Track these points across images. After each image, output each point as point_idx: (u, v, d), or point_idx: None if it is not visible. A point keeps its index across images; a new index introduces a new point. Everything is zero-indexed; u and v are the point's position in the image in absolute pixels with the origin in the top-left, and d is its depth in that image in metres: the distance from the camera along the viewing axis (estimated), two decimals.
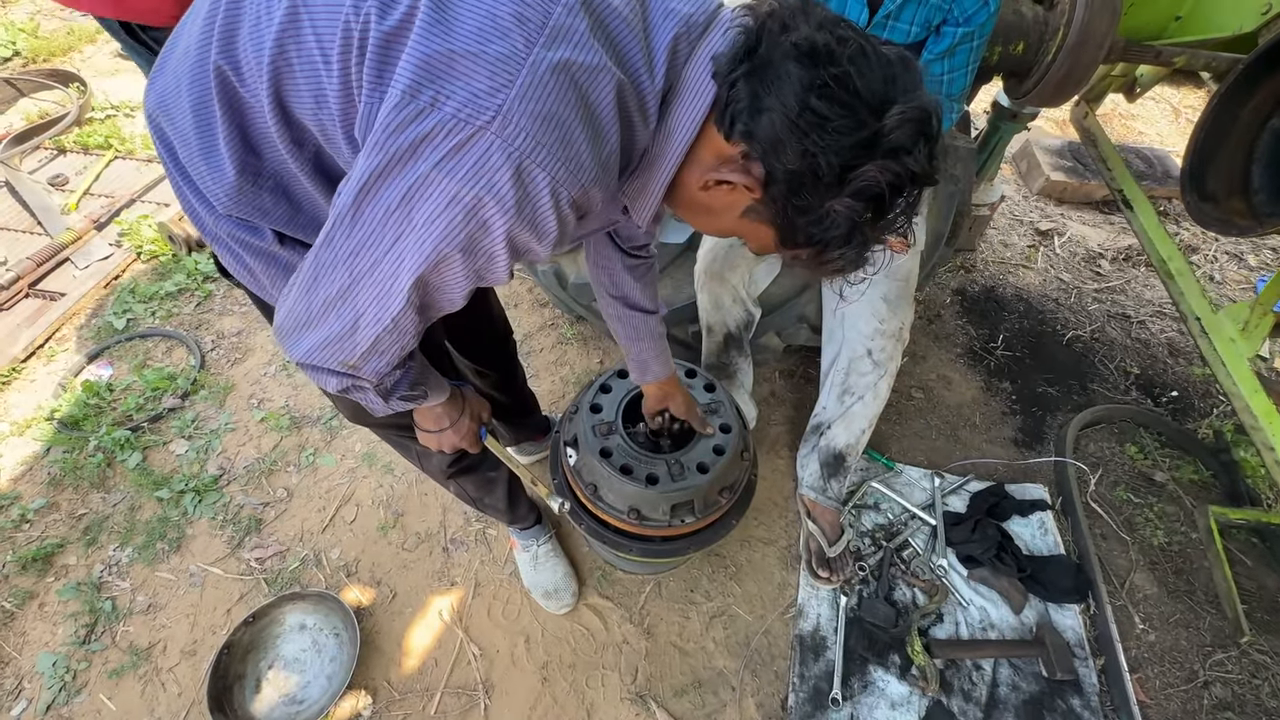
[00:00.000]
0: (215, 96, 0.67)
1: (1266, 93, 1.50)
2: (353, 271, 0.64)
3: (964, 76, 1.37)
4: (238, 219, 0.75)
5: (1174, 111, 3.95)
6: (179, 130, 0.72)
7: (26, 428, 1.90)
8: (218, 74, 0.66)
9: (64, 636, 1.51)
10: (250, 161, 0.70)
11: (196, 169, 0.72)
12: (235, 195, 0.71)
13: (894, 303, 1.53)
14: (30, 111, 3.07)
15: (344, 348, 0.70)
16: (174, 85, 0.71)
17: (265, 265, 0.78)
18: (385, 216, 0.60)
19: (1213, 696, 1.53)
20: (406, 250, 0.61)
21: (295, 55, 0.61)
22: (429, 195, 0.58)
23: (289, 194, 0.74)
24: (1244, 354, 1.57)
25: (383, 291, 0.65)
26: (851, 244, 0.64)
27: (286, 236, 0.77)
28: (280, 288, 0.79)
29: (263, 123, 0.67)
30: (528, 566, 1.59)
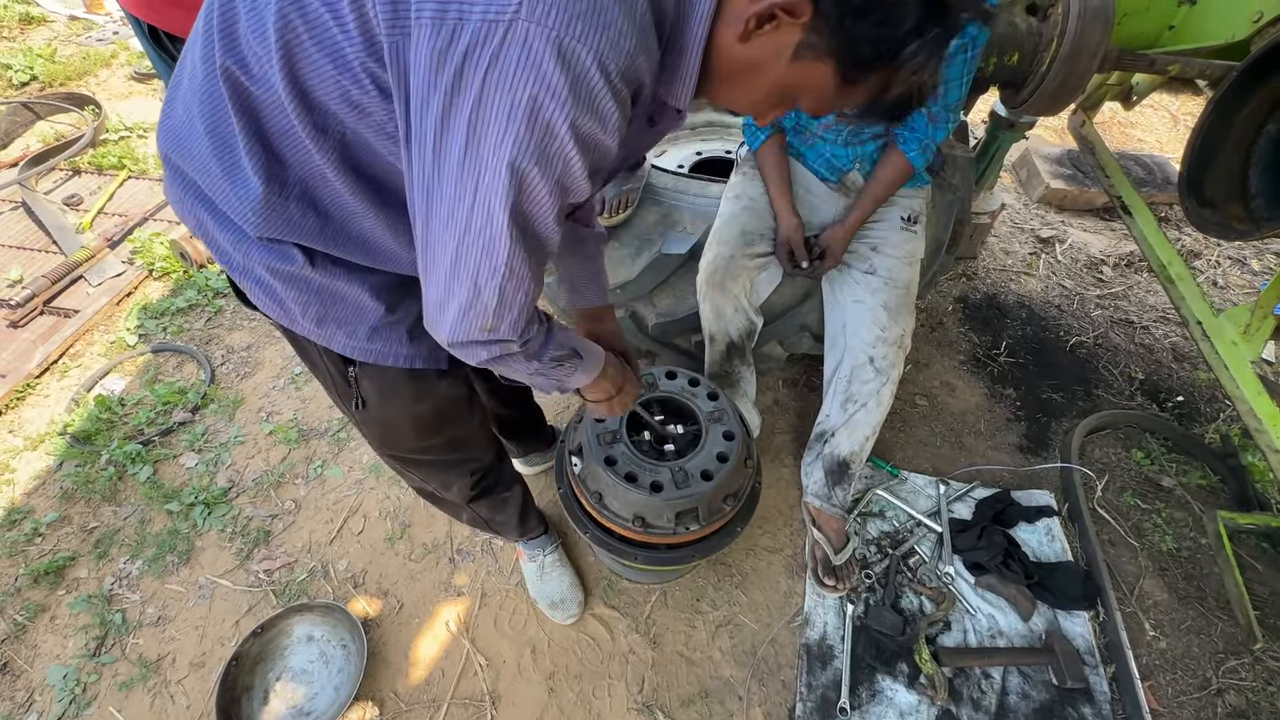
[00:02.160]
0: (230, 106, 0.65)
1: (1261, 98, 1.52)
2: (454, 235, 0.63)
3: (960, 87, 1.39)
4: (268, 242, 0.74)
5: (1172, 118, 3.97)
6: (197, 161, 0.71)
7: (40, 442, 1.93)
8: (227, 77, 0.64)
9: (75, 649, 1.53)
10: (274, 169, 0.68)
11: (221, 194, 0.71)
12: (264, 211, 0.70)
13: (895, 310, 1.54)
14: (47, 134, 3.14)
15: (476, 312, 0.69)
16: (184, 117, 0.70)
17: (296, 292, 0.77)
18: (460, 167, 0.59)
19: (1226, 704, 1.51)
20: (489, 189, 0.60)
21: (301, 23, 0.59)
22: (487, 119, 0.56)
23: (315, 201, 0.72)
24: (1246, 357, 1.57)
25: (486, 241, 0.63)
26: (924, 40, 0.58)
27: (316, 256, 0.76)
28: (312, 314, 0.78)
29: (281, 118, 0.65)
30: (534, 576, 1.59)
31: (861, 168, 1.59)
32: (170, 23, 1.31)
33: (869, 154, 1.56)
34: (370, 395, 0.93)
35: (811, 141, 1.61)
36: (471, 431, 1.15)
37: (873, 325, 1.54)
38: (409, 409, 0.98)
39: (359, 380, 0.90)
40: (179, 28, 1.32)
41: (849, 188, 1.62)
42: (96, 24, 4.10)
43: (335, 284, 0.77)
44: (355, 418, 0.99)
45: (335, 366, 0.89)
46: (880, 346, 1.54)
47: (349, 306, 0.80)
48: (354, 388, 0.91)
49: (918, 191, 1.65)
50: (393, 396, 0.94)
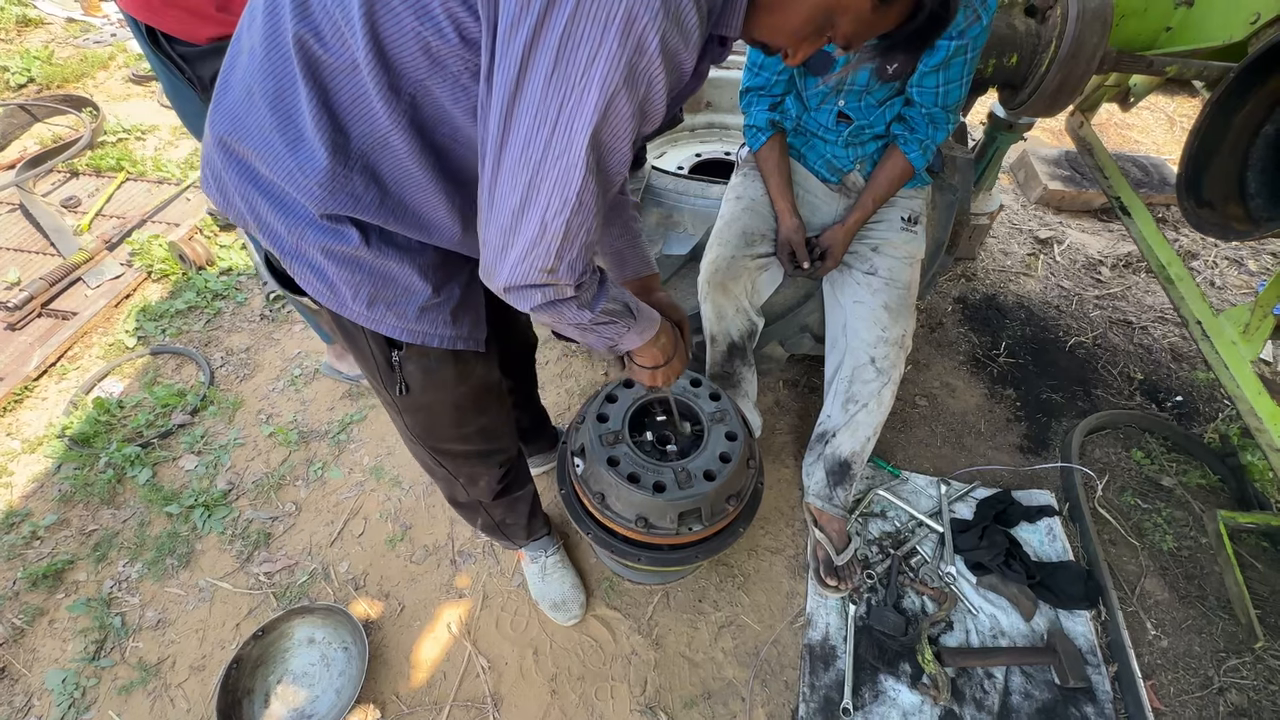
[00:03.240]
0: (299, 74, 0.66)
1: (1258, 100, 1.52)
2: (529, 166, 0.63)
3: (959, 88, 1.40)
4: (326, 220, 0.74)
5: (1169, 120, 3.99)
6: (258, 138, 0.71)
7: (38, 445, 1.92)
8: (299, 46, 0.64)
9: (73, 653, 1.52)
10: (339, 140, 0.69)
11: (283, 169, 0.70)
12: (328, 183, 0.70)
13: (895, 311, 1.54)
14: (44, 136, 3.14)
15: (540, 251, 0.68)
16: (243, 94, 0.71)
17: (349, 273, 0.78)
18: (544, 90, 0.58)
19: (1228, 703, 1.51)
20: (573, 111, 0.59)
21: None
22: (579, 36, 0.55)
23: (377, 172, 0.72)
24: (1246, 356, 1.58)
25: (562, 171, 0.63)
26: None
27: (371, 234, 0.77)
28: (363, 296, 0.79)
29: (353, 83, 0.66)
30: (536, 578, 1.59)
31: (862, 169, 1.59)
32: (168, 24, 1.30)
33: (869, 155, 1.57)
34: (414, 379, 0.94)
35: (812, 142, 1.61)
36: (503, 420, 1.17)
37: (873, 325, 1.54)
38: (450, 393, 1.00)
39: (403, 365, 0.92)
40: (177, 29, 1.32)
41: (849, 188, 1.63)
42: (94, 26, 4.09)
43: (387, 263, 0.78)
44: (398, 404, 1.00)
45: (380, 351, 0.91)
46: (881, 347, 1.54)
47: (399, 287, 0.81)
48: (398, 372, 0.93)
49: (918, 192, 1.66)
50: (435, 379, 0.96)
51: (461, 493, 1.27)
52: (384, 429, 1.98)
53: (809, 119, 1.56)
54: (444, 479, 1.26)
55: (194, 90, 1.39)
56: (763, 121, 1.57)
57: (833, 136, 1.55)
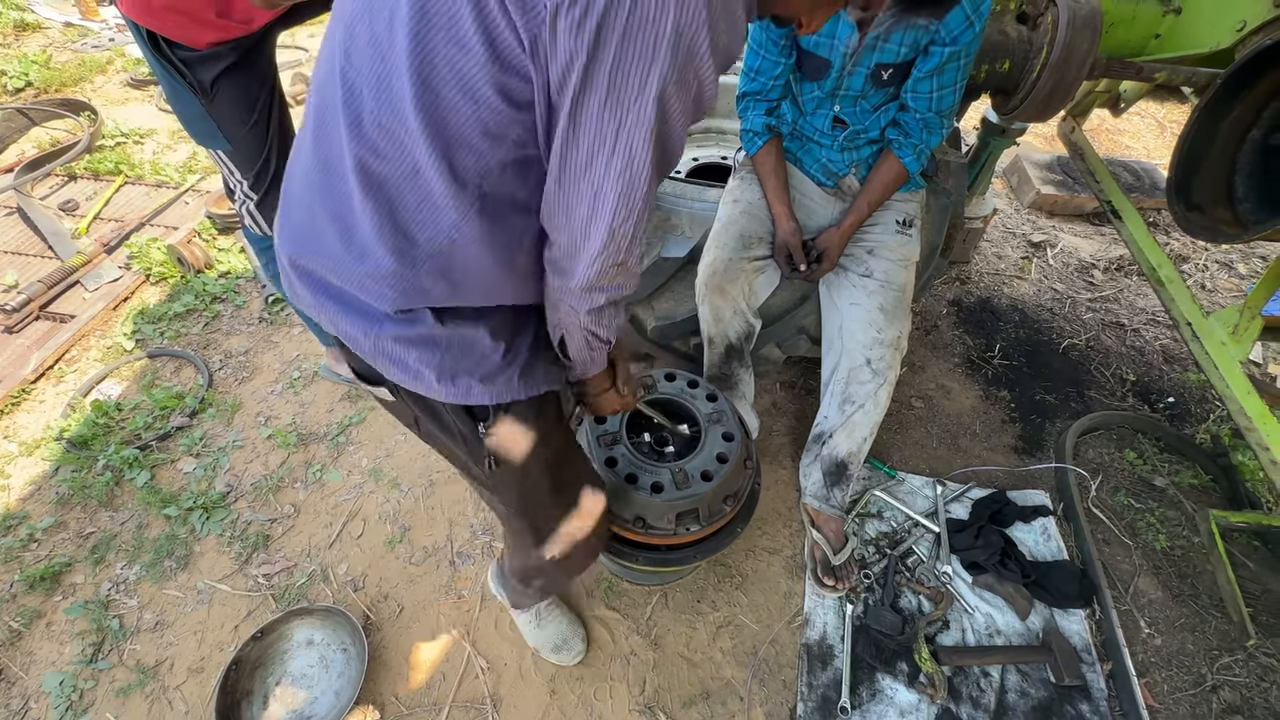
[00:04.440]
0: (358, 192, 0.68)
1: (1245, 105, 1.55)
2: (592, 182, 0.65)
3: (953, 93, 1.42)
4: (398, 315, 0.75)
5: (1159, 125, 4.04)
6: (326, 255, 0.73)
7: (35, 448, 1.92)
8: (359, 166, 0.66)
9: (71, 655, 1.51)
10: (404, 246, 0.70)
11: (354, 280, 0.73)
12: (397, 283, 0.72)
13: (891, 312, 1.56)
14: (42, 140, 3.14)
15: (610, 252, 0.71)
16: (305, 217, 0.74)
17: (428, 354, 0.78)
18: (600, 115, 0.60)
19: (1221, 700, 1.53)
20: (632, 129, 0.61)
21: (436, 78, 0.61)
22: (630, 61, 0.57)
23: (447, 269, 0.73)
24: (1236, 357, 1.60)
25: (626, 183, 0.65)
26: None
27: (444, 312, 0.77)
28: (446, 371, 0.79)
29: (415, 190, 0.67)
30: (530, 625, 1.51)
31: (857, 173, 1.61)
32: (169, 29, 1.32)
33: (865, 159, 1.59)
34: (502, 446, 0.92)
35: (808, 147, 1.63)
36: (586, 466, 1.15)
37: (869, 327, 1.56)
38: (538, 454, 0.98)
39: (490, 437, 0.90)
40: (177, 34, 1.33)
41: (845, 192, 1.65)
42: (92, 30, 4.10)
43: (461, 333, 0.79)
44: (489, 481, 0.98)
45: (465, 425, 0.89)
46: (877, 348, 1.56)
47: (476, 353, 0.81)
48: (484, 446, 0.91)
49: (912, 195, 1.68)
50: (522, 441, 0.94)
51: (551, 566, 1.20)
52: (382, 431, 1.99)
53: (805, 124, 1.58)
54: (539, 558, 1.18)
55: (194, 94, 1.40)
56: (759, 126, 1.59)
57: (828, 141, 1.57)
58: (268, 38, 1.48)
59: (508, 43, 0.59)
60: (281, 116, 1.57)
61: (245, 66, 1.43)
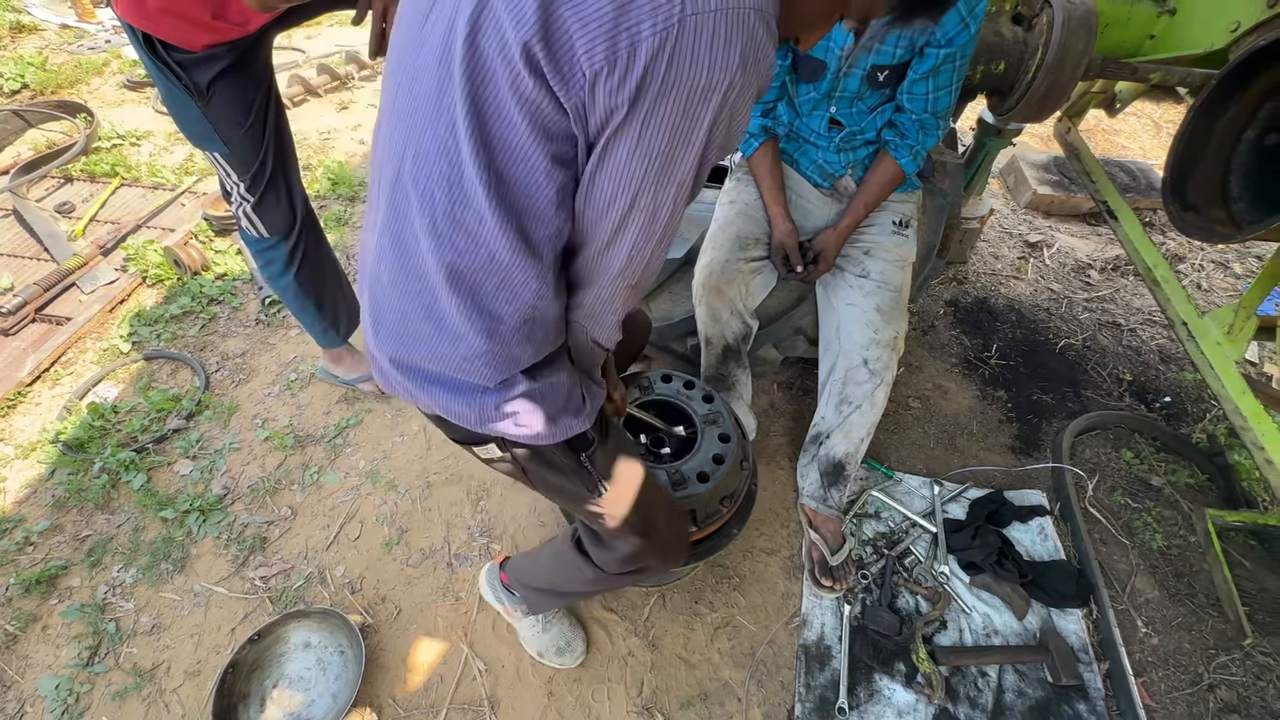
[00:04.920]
0: (448, 292, 0.71)
1: (1240, 105, 1.55)
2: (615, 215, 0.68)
3: (949, 95, 1.42)
4: (497, 387, 0.80)
5: (1155, 125, 4.05)
6: (426, 349, 0.78)
7: (31, 451, 1.92)
8: (449, 271, 0.70)
9: (67, 659, 1.51)
10: (492, 326, 0.74)
11: (452, 363, 0.78)
12: (489, 359, 0.76)
13: (887, 313, 1.56)
14: (38, 142, 3.13)
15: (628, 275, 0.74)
16: (397, 318, 0.78)
17: (529, 408, 0.82)
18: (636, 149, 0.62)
19: (1218, 699, 1.53)
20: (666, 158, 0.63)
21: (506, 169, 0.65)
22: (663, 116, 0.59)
23: (531, 334, 0.77)
24: (1231, 357, 1.60)
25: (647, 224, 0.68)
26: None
27: (533, 369, 0.82)
28: (546, 417, 0.83)
29: (494, 274, 0.71)
30: (534, 630, 1.50)
31: (854, 174, 1.62)
32: (164, 31, 1.31)
33: (861, 160, 1.59)
34: (604, 466, 0.96)
35: (804, 148, 1.63)
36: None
37: (866, 328, 1.56)
38: (631, 461, 1.01)
39: (593, 461, 0.94)
40: (173, 36, 1.32)
41: (841, 193, 1.65)
42: (88, 32, 4.09)
43: (550, 380, 0.84)
44: (604, 509, 1.00)
45: (570, 460, 0.93)
46: (874, 349, 1.56)
47: (563, 393, 0.85)
48: (593, 473, 0.95)
49: (909, 196, 1.68)
50: (616, 454, 0.98)
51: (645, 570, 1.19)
52: (380, 433, 1.98)
53: (801, 125, 1.58)
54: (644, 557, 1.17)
55: (189, 97, 1.40)
56: (755, 127, 1.59)
57: (824, 142, 1.57)
58: (264, 40, 1.47)
59: (551, 115, 0.62)
60: (278, 119, 1.56)
61: (241, 69, 1.43)
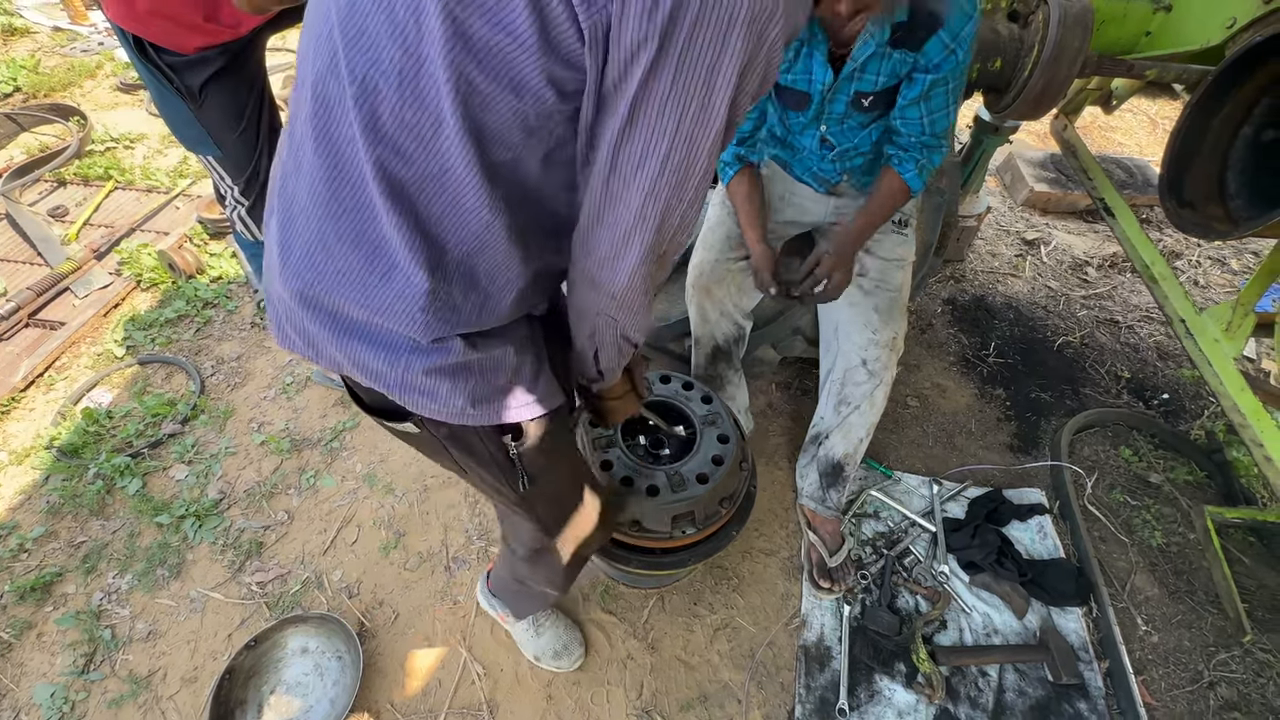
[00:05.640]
0: (380, 202, 0.62)
1: (1236, 102, 1.55)
2: (647, 179, 0.62)
3: (945, 117, 1.37)
4: (430, 345, 0.71)
5: (1151, 122, 4.05)
6: (347, 281, 0.67)
7: (25, 457, 1.90)
8: (381, 172, 0.61)
9: (62, 666, 1.50)
10: (434, 255, 0.66)
11: (381, 304, 0.67)
12: (429, 306, 0.67)
13: (886, 313, 1.55)
14: (31, 145, 3.11)
15: (656, 249, 0.68)
16: (315, 245, 0.67)
17: (460, 382, 0.74)
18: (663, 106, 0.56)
19: (1218, 697, 1.53)
20: (696, 120, 0.58)
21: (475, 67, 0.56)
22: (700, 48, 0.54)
23: (474, 275, 0.69)
24: (1229, 354, 1.60)
25: (681, 175, 0.62)
26: None
27: (474, 337, 0.74)
28: (479, 395, 0.76)
29: (444, 192, 0.63)
30: (528, 634, 1.49)
31: (850, 180, 1.59)
32: (155, 34, 1.31)
33: (858, 168, 1.55)
34: (534, 464, 0.90)
35: (799, 156, 1.60)
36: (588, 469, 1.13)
37: (864, 328, 1.56)
38: (568, 465, 0.97)
39: (521, 455, 0.88)
40: (164, 39, 1.32)
41: (838, 193, 1.64)
42: (81, 35, 4.07)
43: (492, 354, 0.76)
44: (524, 501, 0.96)
45: (498, 448, 0.87)
46: (873, 349, 1.56)
47: (504, 373, 0.79)
48: (518, 465, 0.89)
49: None
50: (551, 453, 0.92)
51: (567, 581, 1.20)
52: (376, 436, 1.97)
53: (793, 139, 1.56)
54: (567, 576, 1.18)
55: (182, 100, 1.39)
56: (729, 156, 1.55)
57: (816, 158, 1.56)
58: (256, 42, 1.47)
59: (564, 30, 0.54)
60: (272, 121, 1.56)
61: (234, 71, 1.42)
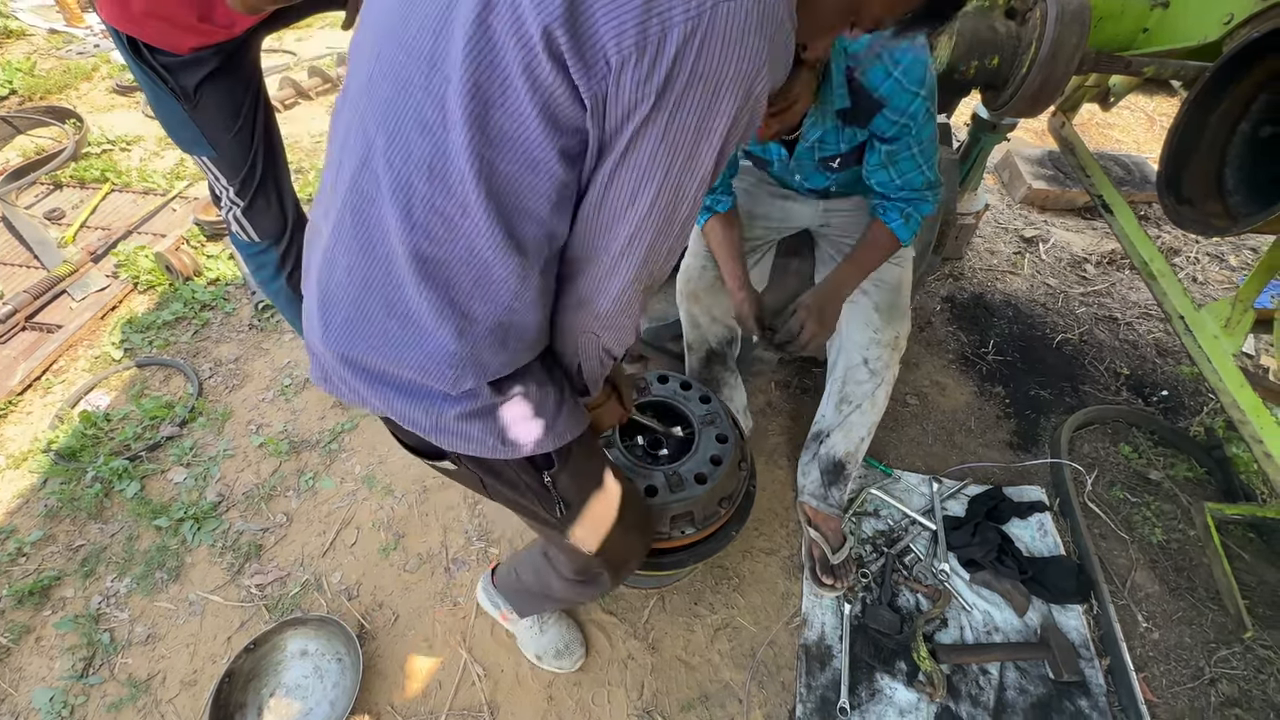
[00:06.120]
0: (411, 279, 0.66)
1: (1234, 98, 1.55)
2: (634, 216, 0.65)
3: (919, 174, 1.33)
4: (459, 394, 0.74)
5: (1149, 119, 4.05)
6: (384, 346, 0.72)
7: (23, 460, 1.90)
8: (415, 255, 0.65)
9: (61, 670, 1.49)
10: (464, 326, 0.69)
11: (414, 364, 0.72)
12: (457, 364, 0.71)
13: (886, 312, 1.55)
14: (27, 148, 3.10)
15: (643, 277, 0.71)
16: (353, 310, 0.71)
17: (491, 423, 0.78)
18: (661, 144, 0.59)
19: (1220, 693, 1.53)
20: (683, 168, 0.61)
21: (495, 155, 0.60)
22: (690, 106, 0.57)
23: (505, 338, 0.73)
24: (1228, 350, 1.60)
25: (666, 217, 0.65)
26: None
27: (500, 381, 0.77)
28: (513, 433, 0.79)
29: (471, 270, 0.66)
30: (532, 633, 1.49)
31: (838, 188, 1.56)
32: (150, 35, 1.30)
33: (844, 180, 1.52)
34: (568, 489, 0.93)
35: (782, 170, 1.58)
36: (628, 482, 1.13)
37: (865, 327, 1.55)
38: (604, 485, 0.99)
39: (556, 482, 0.91)
40: (159, 40, 1.31)
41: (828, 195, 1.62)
42: (77, 37, 4.06)
43: (515, 391, 0.79)
44: (563, 527, 0.98)
45: (531, 478, 0.90)
46: (874, 348, 1.55)
47: (529, 405, 0.81)
48: (554, 492, 0.92)
49: None
50: (584, 476, 0.95)
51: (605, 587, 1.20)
52: (376, 437, 1.97)
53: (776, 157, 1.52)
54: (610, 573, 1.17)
55: (176, 100, 1.39)
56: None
57: (798, 186, 1.55)
58: (251, 42, 1.46)
59: (566, 106, 0.58)
60: (267, 122, 1.55)
61: (229, 71, 1.41)
